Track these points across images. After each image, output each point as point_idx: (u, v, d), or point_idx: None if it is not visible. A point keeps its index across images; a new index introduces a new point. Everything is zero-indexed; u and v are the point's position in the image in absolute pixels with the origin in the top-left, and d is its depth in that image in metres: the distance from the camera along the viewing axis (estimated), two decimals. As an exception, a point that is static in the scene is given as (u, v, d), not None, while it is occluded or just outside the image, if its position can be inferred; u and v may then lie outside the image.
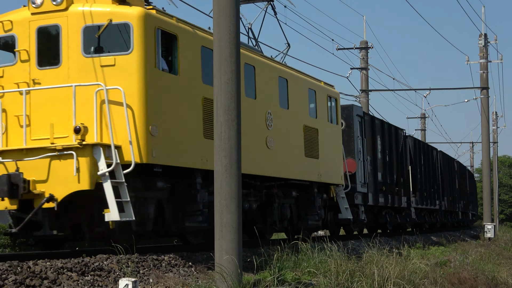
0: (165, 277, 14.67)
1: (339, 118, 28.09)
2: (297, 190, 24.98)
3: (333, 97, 27.63)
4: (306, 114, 24.84)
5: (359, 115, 31.88)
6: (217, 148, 13.66)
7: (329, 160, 26.05)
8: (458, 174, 54.88)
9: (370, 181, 33.03)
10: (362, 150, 31.81)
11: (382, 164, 35.63)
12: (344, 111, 30.10)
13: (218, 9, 13.68)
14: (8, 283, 11.77)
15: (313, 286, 14.01)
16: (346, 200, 27.72)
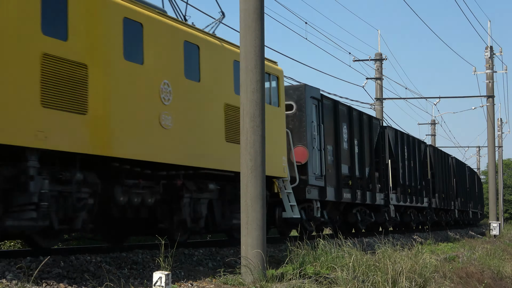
0: (196, 270, 14.70)
1: (282, 100, 21.69)
2: (217, 182, 18.76)
3: (274, 74, 21.51)
4: (229, 91, 18.78)
5: (315, 98, 24.97)
6: (243, 151, 13.70)
7: (267, 148, 16.62)
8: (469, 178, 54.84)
9: (331, 173, 26.01)
10: (318, 137, 24.77)
11: (348, 155, 28.07)
12: (294, 92, 24.09)
13: (245, 24, 13.71)
14: (52, 276, 11.85)
15: (331, 279, 13.98)
16: (293, 196, 21.61)
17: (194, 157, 17.11)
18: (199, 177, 17.97)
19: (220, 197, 18.86)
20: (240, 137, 13.90)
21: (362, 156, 29.56)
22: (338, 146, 26.46)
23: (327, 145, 25.33)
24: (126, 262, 13.77)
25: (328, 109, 26.24)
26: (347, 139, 27.79)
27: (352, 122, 28.42)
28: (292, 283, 12.65)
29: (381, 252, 16.62)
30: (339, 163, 26.25)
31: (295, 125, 23.67)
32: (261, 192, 13.54)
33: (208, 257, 16.39)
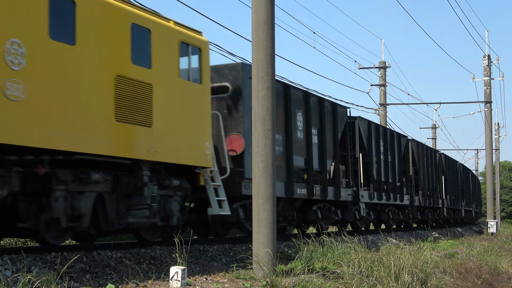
0: (210, 265, 14.70)
1: (205, 76, 16.78)
2: (108, 172, 14.37)
3: (195, 46, 16.81)
4: (123, 60, 14.40)
5: None
6: (255, 154, 13.69)
7: (179, 132, 15.32)
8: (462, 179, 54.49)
9: (279, 166, 19.85)
10: None
11: (304, 146, 22.63)
12: (230, 72, 19.10)
13: (256, 34, 13.71)
14: (75, 271, 11.86)
15: (338, 274, 13.96)
16: (223, 190, 16.95)
17: (62, 139, 12.83)
18: (79, 165, 13.64)
19: (114, 190, 14.52)
20: (252, 140, 13.88)
21: (323, 147, 23.97)
22: (289, 135, 21.16)
23: (275, 134, 17.24)
24: (145, 258, 13.78)
25: (277, 93, 19.65)
26: (302, 128, 22.36)
27: (309, 109, 22.95)
28: (301, 278, 12.63)
29: (385, 249, 16.59)
30: (290, 154, 21.11)
31: (230, 110, 19.11)
32: (272, 192, 13.52)
33: (221, 253, 16.39)
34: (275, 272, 12.83)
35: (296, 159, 21.44)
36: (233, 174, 17.80)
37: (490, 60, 50.28)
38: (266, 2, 13.65)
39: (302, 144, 22.24)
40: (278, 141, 20.02)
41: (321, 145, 23.44)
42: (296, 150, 21.48)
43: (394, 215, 32.69)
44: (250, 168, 16.77)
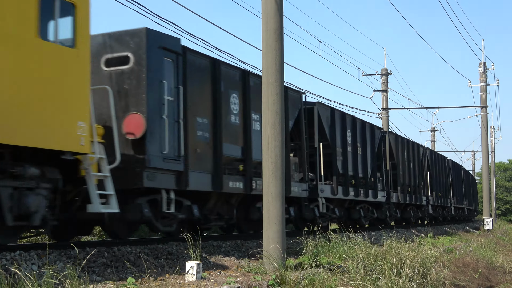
0: (223, 260, 14.69)
1: (82, 39, 12.45)
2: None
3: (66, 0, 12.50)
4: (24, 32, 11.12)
5: (169, 50, 15.35)
6: (265, 156, 13.68)
7: (35, 106, 11.28)
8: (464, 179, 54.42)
9: (202, 154, 16.26)
10: (174, 105, 15.28)
11: (241, 133, 17.99)
12: (132, 39, 14.92)
13: (266, 43, 13.70)
14: (97, 265, 11.88)
15: (343, 269, 13.93)
16: (110, 182, 12.66)
17: None
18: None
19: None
20: (263, 142, 13.86)
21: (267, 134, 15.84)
22: (218, 119, 16.80)
23: (197, 117, 16.12)
24: (162, 253, 13.80)
25: (201, 69, 16.66)
26: (237, 111, 17.77)
27: (247, 90, 18.01)
28: (308, 272, 12.62)
29: (387, 245, 16.56)
30: (219, 141, 16.67)
31: (132, 85, 14.83)
32: (281, 192, 13.51)
33: (234, 248, 16.38)
34: (284, 266, 12.82)
35: (229, 147, 17.26)
36: (132, 162, 14.03)
37: (485, 67, 50.29)
38: (275, 13, 13.65)
39: (238, 131, 17.94)
40: (203, 125, 16.33)
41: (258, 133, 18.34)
42: (228, 137, 17.24)
43: (368, 213, 27.84)
44: (156, 155, 14.36)
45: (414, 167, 34.59)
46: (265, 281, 11.59)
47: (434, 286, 15.92)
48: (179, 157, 15.10)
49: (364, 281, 13.11)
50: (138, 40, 14.68)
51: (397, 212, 31.47)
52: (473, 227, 48.59)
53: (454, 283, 17.83)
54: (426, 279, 15.59)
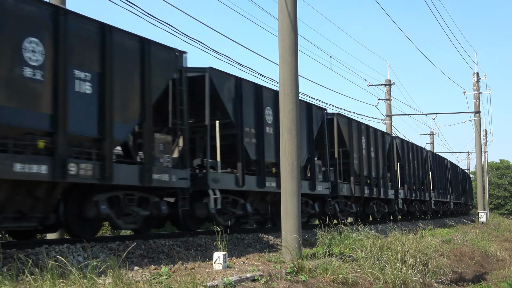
0: (246, 251, 14.68)
1: None
2: None
3: None
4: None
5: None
6: (282, 158, 13.64)
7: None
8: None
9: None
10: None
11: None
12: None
13: (282, 58, 13.69)
14: (135, 256, 11.91)
15: (353, 258, 13.89)
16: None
17: None
18: None
19: None
20: (280, 146, 13.82)
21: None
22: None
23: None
24: (192, 245, 13.81)
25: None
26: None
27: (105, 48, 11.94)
28: (322, 261, 12.59)
29: (392, 236, 16.49)
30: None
31: None
32: (297, 190, 13.46)
33: (256, 240, 16.36)
34: (300, 256, 12.79)
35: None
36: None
37: (478, 77, 50.24)
38: (290, 31, 13.64)
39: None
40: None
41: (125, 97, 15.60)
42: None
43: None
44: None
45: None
46: (284, 269, 11.57)
47: (435, 273, 15.85)
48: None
49: (372, 269, 13.08)
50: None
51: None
52: (469, 220, 48.25)
53: (452, 270, 17.75)
54: (427, 267, 15.54)
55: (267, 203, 18.28)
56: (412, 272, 14.05)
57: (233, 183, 15.69)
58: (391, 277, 13.20)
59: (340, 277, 12.02)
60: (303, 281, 11.30)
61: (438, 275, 16.03)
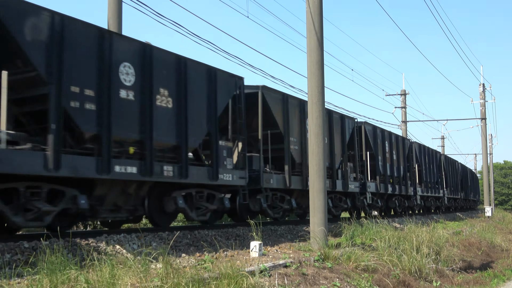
0: (279, 241, 14.66)
1: None
2: None
3: None
4: None
5: None
6: (311, 160, 13.60)
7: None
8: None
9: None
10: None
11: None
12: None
13: (310, 72, 13.66)
14: (182, 245, 11.97)
15: (373, 247, 13.79)
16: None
17: None
18: None
19: None
20: (308, 149, 13.77)
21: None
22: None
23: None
24: (231, 235, 13.84)
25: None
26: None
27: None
28: (346, 250, 12.52)
29: (408, 228, 16.34)
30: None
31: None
32: (323, 187, 13.41)
33: (287, 231, 16.35)
34: (327, 245, 12.74)
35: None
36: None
37: (484, 87, 49.75)
38: (317, 48, 13.61)
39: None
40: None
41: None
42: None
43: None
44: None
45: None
46: (312, 257, 11.53)
47: (446, 261, 15.67)
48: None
49: (390, 257, 12.98)
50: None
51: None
52: (476, 214, 47.60)
53: (462, 259, 17.51)
54: (440, 256, 15.36)
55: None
56: (426, 260, 13.91)
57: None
58: (407, 265, 13.09)
59: (362, 264, 11.95)
60: (329, 267, 11.26)
61: (449, 263, 15.85)
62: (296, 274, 10.15)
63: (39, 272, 7.01)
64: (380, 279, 11.66)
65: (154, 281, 7.18)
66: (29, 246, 9.25)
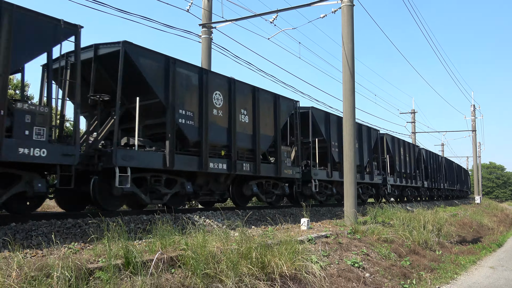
0: (321, 218, 14.50)
1: None
2: None
3: None
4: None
5: None
6: (345, 161, 13.38)
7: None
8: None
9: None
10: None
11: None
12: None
13: (345, 97, 13.46)
14: (252, 220, 11.95)
15: (391, 224, 13.44)
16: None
17: None
18: None
19: None
20: (343, 153, 13.54)
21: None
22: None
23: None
24: (287, 214, 13.77)
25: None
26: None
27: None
28: (370, 226, 12.27)
29: (417, 211, 15.86)
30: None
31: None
32: (354, 180, 13.14)
33: (327, 212, 16.14)
34: (356, 222, 12.52)
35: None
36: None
37: (474, 108, 48.27)
38: (350, 79, 13.42)
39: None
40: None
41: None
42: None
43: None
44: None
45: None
46: (346, 231, 11.35)
47: (446, 236, 15.13)
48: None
49: (403, 232, 12.63)
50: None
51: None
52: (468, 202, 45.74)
53: (458, 234, 16.85)
54: (441, 232, 14.85)
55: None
56: (431, 235, 13.47)
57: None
58: (416, 238, 12.71)
59: (382, 236, 11.68)
60: (358, 238, 11.05)
61: (448, 237, 15.29)
62: (334, 242, 10.01)
63: (153, 237, 7.16)
64: (396, 248, 11.36)
65: (233, 245, 7.21)
66: (146, 218, 9.47)
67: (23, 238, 7.21)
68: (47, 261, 5.36)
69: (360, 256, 9.78)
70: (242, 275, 6.57)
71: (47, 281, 4.99)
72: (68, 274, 5.16)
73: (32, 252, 6.43)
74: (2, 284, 4.73)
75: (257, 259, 6.96)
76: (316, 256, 8.41)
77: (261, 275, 6.88)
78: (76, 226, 8.14)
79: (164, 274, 6.07)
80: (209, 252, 6.62)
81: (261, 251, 7.14)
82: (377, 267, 9.62)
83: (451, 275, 10.77)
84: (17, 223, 7.66)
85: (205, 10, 16.06)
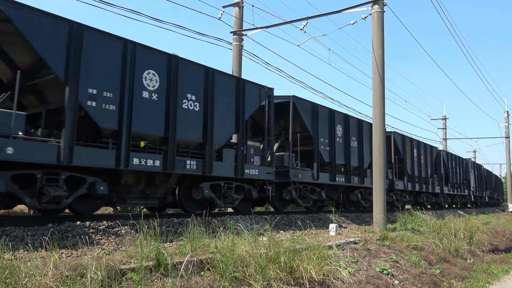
0: (350, 224, 14.32)
1: None
2: None
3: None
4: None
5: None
6: (374, 166, 13.20)
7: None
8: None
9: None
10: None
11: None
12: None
13: (375, 103, 13.29)
14: (281, 225, 11.90)
15: (420, 232, 13.15)
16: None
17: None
18: None
19: None
20: (372, 158, 13.37)
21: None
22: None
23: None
24: (316, 219, 13.65)
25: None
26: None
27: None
28: (400, 233, 12.02)
29: (447, 218, 15.46)
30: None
31: None
32: (383, 186, 12.97)
33: (356, 218, 15.92)
34: (385, 229, 12.30)
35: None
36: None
37: (508, 114, 46.94)
38: (380, 86, 13.25)
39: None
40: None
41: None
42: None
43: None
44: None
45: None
46: (375, 237, 11.15)
47: (477, 244, 14.67)
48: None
49: (433, 239, 12.32)
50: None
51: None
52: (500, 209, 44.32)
53: (490, 243, 16.33)
54: (472, 240, 14.41)
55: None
56: (462, 243, 13.08)
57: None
58: (447, 246, 12.36)
59: (412, 244, 11.42)
60: (387, 245, 10.83)
61: (480, 246, 14.82)
62: (363, 249, 9.84)
63: (183, 240, 7.20)
64: (426, 255, 11.08)
65: (261, 249, 7.18)
66: (177, 221, 9.54)
67: (59, 239, 7.37)
68: (81, 261, 5.46)
69: (389, 263, 9.58)
70: (270, 279, 6.53)
71: (81, 281, 5.08)
72: (101, 274, 5.24)
73: (68, 252, 6.56)
74: (39, 283, 4.83)
75: (285, 263, 6.91)
76: (344, 262, 8.28)
77: (289, 279, 6.82)
78: (110, 227, 8.27)
79: (193, 277, 6.09)
80: (238, 256, 6.61)
81: (290, 255, 7.08)
82: (407, 275, 9.41)
83: (482, 284, 10.43)
84: (53, 224, 7.84)
85: (236, 18, 16.17)
